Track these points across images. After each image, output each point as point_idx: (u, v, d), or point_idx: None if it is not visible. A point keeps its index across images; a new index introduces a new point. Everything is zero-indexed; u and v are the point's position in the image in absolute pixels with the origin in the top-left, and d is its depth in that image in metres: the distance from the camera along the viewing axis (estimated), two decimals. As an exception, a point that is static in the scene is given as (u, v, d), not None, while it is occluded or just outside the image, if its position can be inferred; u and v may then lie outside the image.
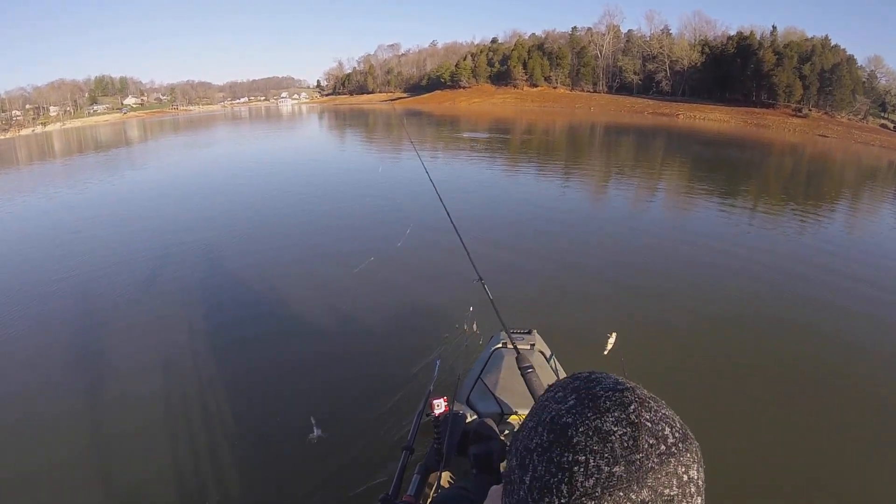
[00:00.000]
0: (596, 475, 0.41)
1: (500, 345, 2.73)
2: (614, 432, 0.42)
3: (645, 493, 0.40)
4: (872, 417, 3.69)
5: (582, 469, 0.41)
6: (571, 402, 0.46)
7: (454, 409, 1.89)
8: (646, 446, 0.42)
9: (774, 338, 4.83)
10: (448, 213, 2.59)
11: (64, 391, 4.09)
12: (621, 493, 0.40)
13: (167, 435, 3.45)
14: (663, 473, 0.41)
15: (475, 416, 2.01)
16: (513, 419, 2.06)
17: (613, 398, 0.45)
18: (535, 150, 20.16)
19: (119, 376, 4.24)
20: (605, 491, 0.40)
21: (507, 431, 1.93)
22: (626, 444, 0.42)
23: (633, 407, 0.44)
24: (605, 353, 2.31)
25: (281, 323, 5.10)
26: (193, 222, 9.37)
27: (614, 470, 0.41)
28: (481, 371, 2.42)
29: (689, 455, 0.43)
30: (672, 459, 0.42)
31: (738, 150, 23.51)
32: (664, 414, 0.45)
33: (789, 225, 9.54)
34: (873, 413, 3.75)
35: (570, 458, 0.42)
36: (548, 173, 14.79)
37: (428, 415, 1.60)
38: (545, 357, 2.70)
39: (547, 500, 0.42)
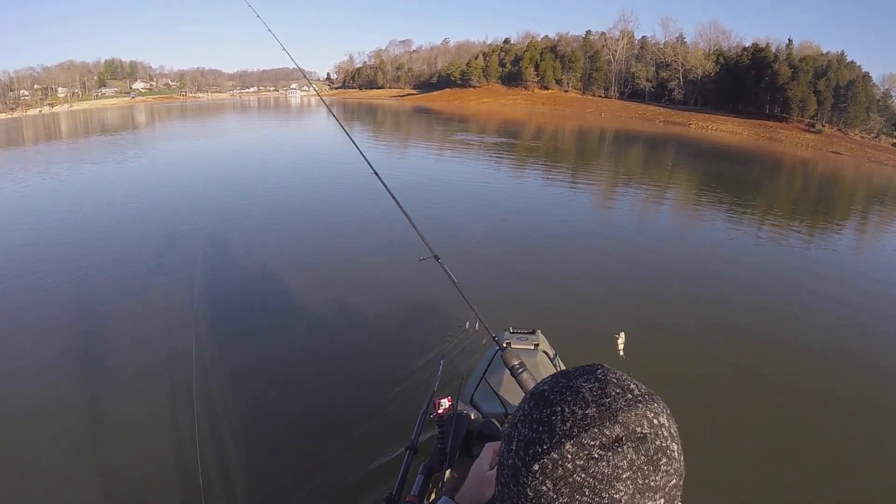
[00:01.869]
0: (571, 418, 0.45)
1: (504, 344, 2.68)
2: (584, 387, 0.47)
3: (618, 429, 0.44)
4: (873, 421, 3.72)
5: (559, 417, 0.46)
6: (548, 380, 0.52)
7: (458, 408, 1.83)
8: (613, 393, 0.46)
9: (774, 341, 4.84)
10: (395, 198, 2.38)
11: (62, 374, 4.01)
12: (596, 430, 0.44)
13: (166, 425, 3.36)
14: (633, 414, 0.45)
15: (479, 416, 1.96)
16: None
17: (583, 369, 0.51)
18: (544, 157, 20.10)
19: (119, 361, 4.19)
20: (581, 430, 0.44)
21: None
22: (595, 392, 0.47)
23: (600, 372, 0.50)
24: (622, 354, 2.23)
25: (283, 315, 5.03)
26: (197, 210, 9.34)
27: (587, 412, 0.45)
28: (485, 370, 2.37)
29: (656, 405, 0.47)
30: (640, 405, 0.46)
31: (753, 164, 23.36)
32: (630, 378, 0.50)
33: (797, 237, 9.54)
34: (874, 416, 3.78)
35: (548, 411, 0.47)
36: (556, 180, 14.75)
37: (432, 414, 1.55)
38: (549, 357, 2.65)
39: (531, 451, 0.46)
